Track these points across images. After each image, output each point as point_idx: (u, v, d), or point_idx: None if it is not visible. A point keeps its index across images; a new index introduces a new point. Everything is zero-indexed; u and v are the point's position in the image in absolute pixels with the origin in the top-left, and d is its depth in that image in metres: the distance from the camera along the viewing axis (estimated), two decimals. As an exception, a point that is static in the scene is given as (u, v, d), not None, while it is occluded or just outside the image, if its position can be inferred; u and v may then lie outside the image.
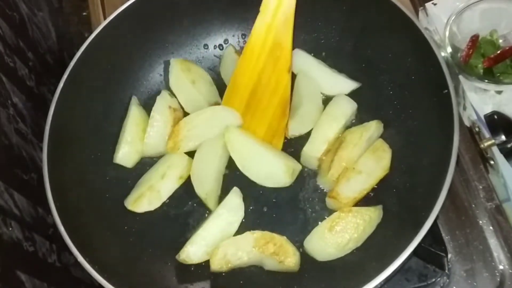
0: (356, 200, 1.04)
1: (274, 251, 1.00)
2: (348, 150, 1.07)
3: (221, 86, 1.22)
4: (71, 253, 0.94)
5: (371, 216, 1.00)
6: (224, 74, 1.24)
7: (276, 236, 1.02)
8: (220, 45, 1.27)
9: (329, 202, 1.06)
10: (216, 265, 1.01)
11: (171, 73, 1.21)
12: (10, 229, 0.94)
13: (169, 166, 1.12)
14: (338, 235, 0.99)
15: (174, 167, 1.12)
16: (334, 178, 1.06)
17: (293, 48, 1.16)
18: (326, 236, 1.00)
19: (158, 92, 1.22)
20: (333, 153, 1.08)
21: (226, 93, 1.16)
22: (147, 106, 1.21)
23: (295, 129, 1.15)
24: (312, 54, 1.21)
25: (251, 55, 1.12)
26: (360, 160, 1.06)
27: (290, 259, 1.00)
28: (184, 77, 1.19)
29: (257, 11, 1.21)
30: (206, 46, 1.27)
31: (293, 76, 1.19)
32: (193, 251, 1.03)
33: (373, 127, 1.09)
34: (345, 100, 1.15)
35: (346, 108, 1.13)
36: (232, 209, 1.06)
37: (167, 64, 1.25)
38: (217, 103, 1.20)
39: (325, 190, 1.09)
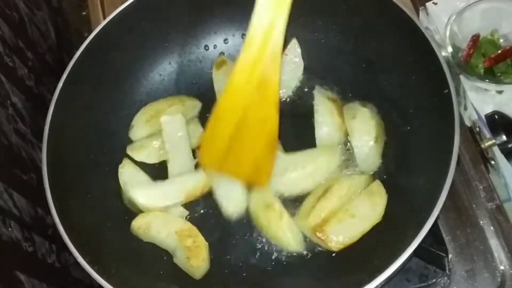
0: (345, 245, 0.99)
1: (189, 246, 1.02)
2: (332, 202, 1.02)
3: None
4: (70, 254, 0.93)
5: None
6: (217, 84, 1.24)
7: (200, 236, 1.04)
8: (220, 44, 1.27)
9: (317, 240, 1.02)
10: (136, 229, 1.06)
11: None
12: (10, 229, 0.94)
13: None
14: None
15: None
16: (311, 225, 1.01)
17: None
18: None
19: (157, 92, 1.23)
20: (316, 199, 1.03)
21: (207, 129, 1.06)
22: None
23: None
24: (312, 53, 1.21)
25: (236, 91, 1.01)
26: (355, 202, 1.02)
27: (197, 263, 1.01)
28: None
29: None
30: (206, 47, 1.27)
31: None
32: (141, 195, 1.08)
33: (363, 183, 1.04)
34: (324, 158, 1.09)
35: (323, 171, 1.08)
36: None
37: (167, 64, 1.25)
38: None
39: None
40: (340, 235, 0.99)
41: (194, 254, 1.01)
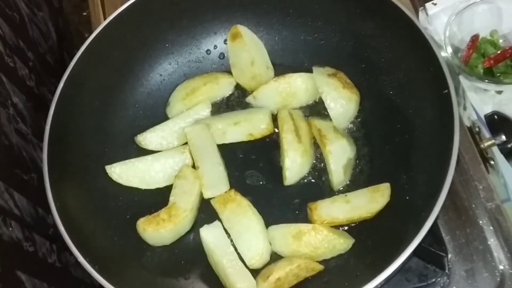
0: (325, 223, 1.02)
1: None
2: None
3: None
4: (71, 253, 0.94)
5: (336, 246, 1.00)
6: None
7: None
8: (220, 45, 1.27)
9: (308, 211, 1.05)
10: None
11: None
12: (10, 229, 0.94)
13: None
14: (298, 243, 1.00)
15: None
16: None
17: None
18: (288, 239, 1.01)
19: (158, 92, 1.23)
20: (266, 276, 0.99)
21: None
22: (147, 106, 1.22)
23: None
24: (312, 54, 1.22)
25: None
26: (358, 191, 1.05)
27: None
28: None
29: (257, 11, 1.22)
30: (207, 48, 1.27)
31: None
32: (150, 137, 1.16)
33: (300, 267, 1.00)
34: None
35: None
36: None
37: (167, 65, 1.25)
38: None
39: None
40: (325, 212, 1.02)
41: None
